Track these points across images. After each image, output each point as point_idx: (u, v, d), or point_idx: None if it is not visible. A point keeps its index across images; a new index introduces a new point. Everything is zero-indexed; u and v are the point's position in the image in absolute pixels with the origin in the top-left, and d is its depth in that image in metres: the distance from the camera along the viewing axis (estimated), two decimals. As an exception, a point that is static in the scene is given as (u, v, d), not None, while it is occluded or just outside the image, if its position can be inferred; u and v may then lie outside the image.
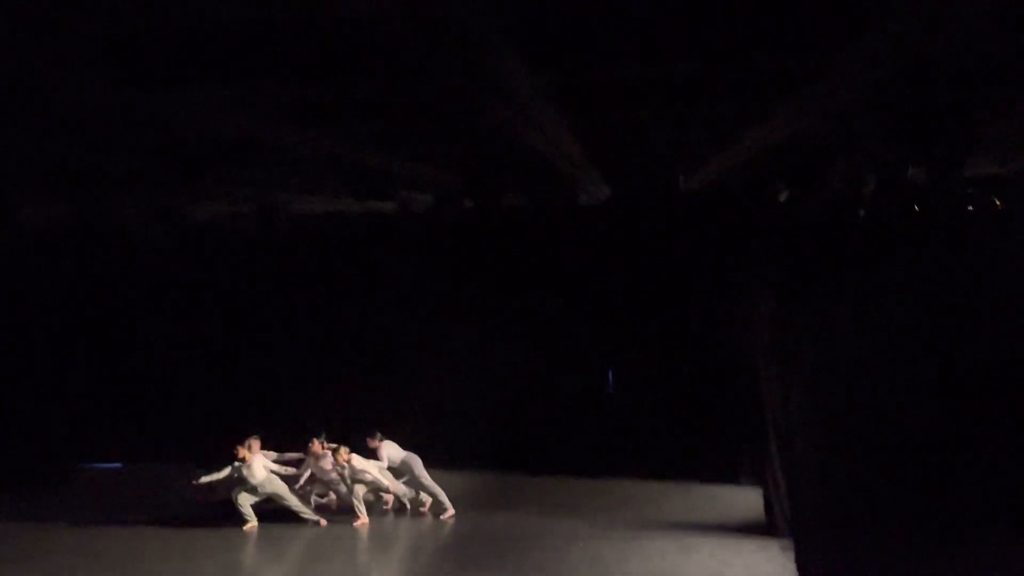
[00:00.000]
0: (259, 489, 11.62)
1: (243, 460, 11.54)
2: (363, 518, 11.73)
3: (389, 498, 12.21)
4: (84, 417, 14.63)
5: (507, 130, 4.62)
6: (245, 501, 11.60)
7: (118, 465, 14.97)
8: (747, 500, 11.89)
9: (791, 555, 9.44)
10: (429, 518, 12.04)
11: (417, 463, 11.98)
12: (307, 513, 11.73)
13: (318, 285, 14.62)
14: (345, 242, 13.71)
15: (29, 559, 10.83)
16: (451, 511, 11.92)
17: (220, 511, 12.06)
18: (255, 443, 11.77)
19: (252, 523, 11.60)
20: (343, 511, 12.09)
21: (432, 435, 12.79)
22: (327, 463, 11.83)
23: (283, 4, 2.40)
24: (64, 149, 5.20)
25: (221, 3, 2.30)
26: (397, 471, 12.01)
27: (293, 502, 11.70)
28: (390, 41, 2.63)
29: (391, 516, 12.16)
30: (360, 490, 11.79)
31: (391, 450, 11.97)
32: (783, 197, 10.42)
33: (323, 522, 11.69)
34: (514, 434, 14.14)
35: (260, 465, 11.62)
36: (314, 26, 2.92)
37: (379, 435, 12.00)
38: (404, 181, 7.78)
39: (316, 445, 11.88)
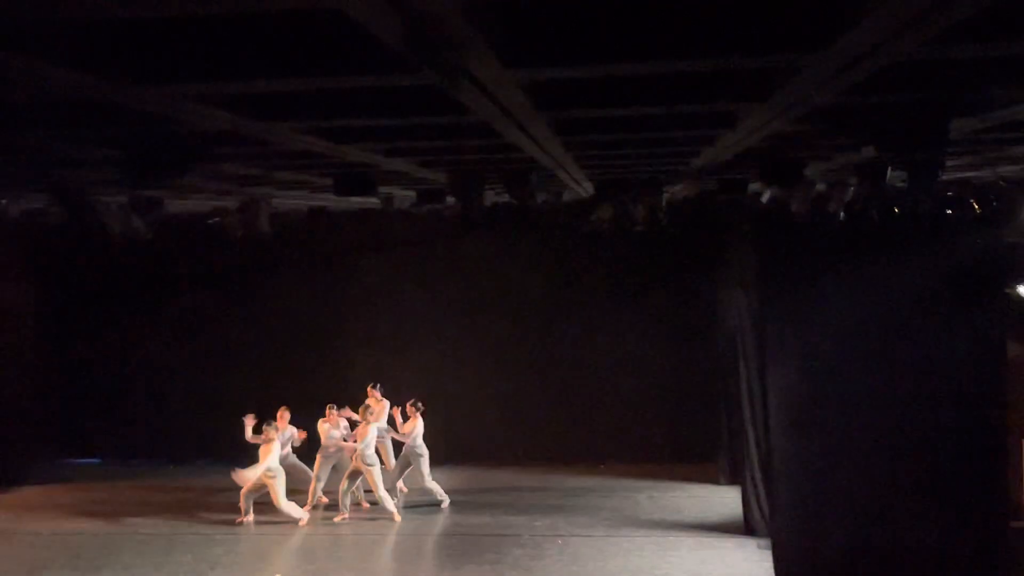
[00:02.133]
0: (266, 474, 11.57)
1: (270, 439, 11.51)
2: (344, 513, 11.73)
3: (365, 504, 12.21)
4: (62, 413, 14.55)
5: (489, 128, 4.63)
6: (250, 495, 11.53)
7: (96, 460, 14.91)
8: (725, 499, 11.96)
9: (768, 553, 9.51)
10: (409, 515, 12.03)
11: (426, 460, 12.08)
12: (289, 510, 11.64)
13: (299, 280, 14.59)
14: (327, 238, 13.69)
15: (6, 554, 10.77)
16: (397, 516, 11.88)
17: (201, 505, 12.03)
18: (284, 414, 11.92)
19: (247, 517, 11.56)
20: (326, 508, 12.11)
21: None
22: (337, 435, 11.94)
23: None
24: (44, 142, 5.17)
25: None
26: (407, 456, 12.16)
27: (280, 498, 11.61)
28: (371, 37, 2.63)
29: (371, 513, 12.15)
30: (348, 483, 11.79)
31: (420, 429, 12.15)
32: (765, 197, 10.47)
33: (303, 522, 11.64)
34: (493, 430, 14.17)
35: (277, 448, 11.57)
36: (297, 20, 2.92)
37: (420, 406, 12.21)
38: (387, 178, 7.77)
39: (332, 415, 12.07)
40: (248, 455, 11.62)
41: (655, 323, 14.16)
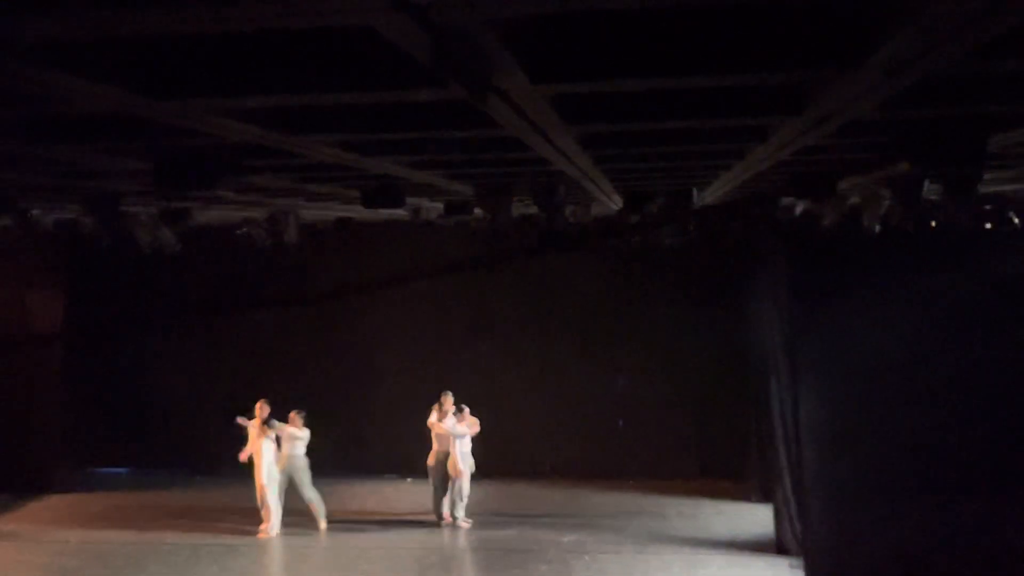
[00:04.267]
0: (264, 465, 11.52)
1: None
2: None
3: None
4: (90, 422, 14.66)
5: (517, 142, 4.60)
6: (279, 497, 11.52)
7: (123, 470, 15.01)
8: (757, 517, 11.80)
9: (800, 573, 9.37)
10: (434, 530, 11.97)
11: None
12: (265, 512, 11.54)
13: (327, 291, 14.62)
14: (354, 249, 13.72)
15: (38, 560, 10.85)
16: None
17: (227, 516, 12.03)
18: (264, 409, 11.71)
19: (271, 529, 11.49)
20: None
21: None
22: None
23: (293, 13, 2.40)
24: (77, 154, 5.21)
25: (233, 11, 2.29)
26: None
27: (268, 496, 11.54)
28: (402, 53, 2.61)
29: (398, 525, 12.12)
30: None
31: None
32: (797, 211, 10.36)
33: (261, 533, 11.52)
34: (522, 446, 14.10)
35: (269, 448, 11.53)
36: (329, 37, 2.91)
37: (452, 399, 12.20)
38: (415, 190, 7.77)
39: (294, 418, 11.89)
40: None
41: (685, 338, 14.04)
